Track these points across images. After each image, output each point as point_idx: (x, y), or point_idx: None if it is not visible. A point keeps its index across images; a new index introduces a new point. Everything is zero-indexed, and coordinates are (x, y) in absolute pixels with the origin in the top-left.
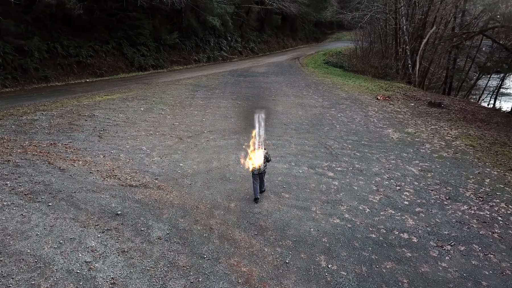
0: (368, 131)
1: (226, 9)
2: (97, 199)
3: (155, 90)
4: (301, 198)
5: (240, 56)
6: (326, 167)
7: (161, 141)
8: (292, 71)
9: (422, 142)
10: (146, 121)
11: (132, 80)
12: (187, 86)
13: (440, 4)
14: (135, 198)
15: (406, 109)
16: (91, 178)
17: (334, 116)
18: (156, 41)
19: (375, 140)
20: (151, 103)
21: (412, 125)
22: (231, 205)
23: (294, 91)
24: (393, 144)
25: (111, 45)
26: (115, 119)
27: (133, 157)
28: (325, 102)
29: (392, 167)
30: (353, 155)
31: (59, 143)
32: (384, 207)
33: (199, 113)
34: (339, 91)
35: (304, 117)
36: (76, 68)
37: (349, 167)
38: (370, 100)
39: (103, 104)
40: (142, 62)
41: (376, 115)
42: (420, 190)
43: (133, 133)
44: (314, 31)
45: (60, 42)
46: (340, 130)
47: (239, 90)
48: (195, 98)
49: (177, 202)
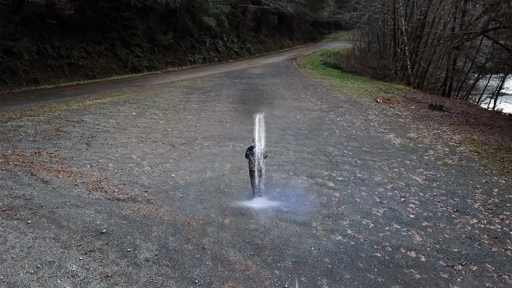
0: (369, 136)
1: (222, 9)
2: (81, 215)
3: (148, 93)
4: (300, 212)
5: (237, 56)
6: (327, 176)
7: (153, 148)
8: (290, 72)
9: (425, 148)
10: (138, 127)
11: (125, 82)
12: (181, 89)
13: (439, 4)
14: (122, 214)
15: (407, 112)
16: (76, 191)
17: (333, 120)
18: (151, 42)
19: (376, 146)
20: (143, 107)
21: (414, 130)
22: (225, 221)
23: (291, 94)
24: (395, 151)
25: (104, 46)
26: (105, 125)
27: (122, 167)
28: (324, 105)
29: (395, 176)
30: (354, 163)
31: (44, 152)
32: (388, 221)
33: (193, 117)
34: (338, 94)
35: (303, 121)
36: (67, 70)
37: (350, 177)
38: (370, 103)
39: (93, 109)
40: (136, 64)
41: (376, 119)
42: (426, 202)
43: (123, 140)
44: (311, 31)
45: (50, 43)
46: (340, 135)
47: (235, 92)
48: (190, 101)
49: (167, 218)
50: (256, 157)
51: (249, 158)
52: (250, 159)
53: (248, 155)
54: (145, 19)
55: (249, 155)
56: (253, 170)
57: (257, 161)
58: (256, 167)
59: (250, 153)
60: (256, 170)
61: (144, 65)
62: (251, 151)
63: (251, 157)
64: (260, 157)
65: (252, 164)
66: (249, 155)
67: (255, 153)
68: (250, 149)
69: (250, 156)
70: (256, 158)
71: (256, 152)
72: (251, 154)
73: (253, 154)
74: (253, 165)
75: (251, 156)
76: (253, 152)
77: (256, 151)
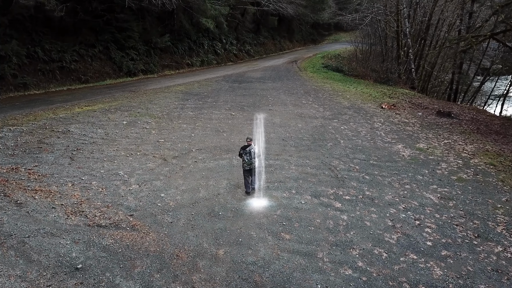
0: (375, 147)
1: (221, 10)
2: (55, 246)
3: (142, 99)
4: (304, 239)
5: (236, 59)
6: (332, 195)
7: (142, 163)
8: (290, 76)
9: (437, 160)
10: (128, 138)
11: (118, 87)
12: (177, 94)
13: (444, 6)
14: (102, 244)
15: (414, 119)
16: (53, 215)
17: (337, 129)
18: (146, 44)
19: (384, 158)
20: (135, 115)
21: (423, 140)
22: (219, 252)
23: (292, 99)
24: (405, 164)
25: (97, 49)
26: (92, 136)
27: (107, 185)
28: (327, 112)
29: (407, 194)
30: (361, 179)
31: (23, 168)
32: (404, 250)
33: (188, 126)
34: (341, 99)
35: (305, 130)
36: (58, 74)
37: (358, 195)
38: (375, 110)
39: (81, 117)
40: (131, 67)
41: (382, 128)
42: (443, 226)
43: (111, 153)
44: (311, 33)
45: (41, 46)
46: (345, 146)
47: (233, 98)
48: (185, 108)
49: (153, 249)
50: (250, 156)
51: (243, 157)
52: (244, 158)
53: (241, 154)
54: (140, 21)
55: (242, 154)
56: (246, 169)
57: (251, 160)
58: (249, 166)
59: (243, 152)
60: (249, 169)
61: (139, 68)
62: (244, 150)
63: (244, 156)
64: (253, 156)
65: (245, 163)
66: (243, 154)
67: (248, 152)
68: (243, 148)
69: (243, 155)
70: (249, 157)
71: (250, 151)
72: (245, 154)
73: (246, 154)
74: (246, 164)
75: (245, 155)
76: (246, 152)
77: (249, 150)
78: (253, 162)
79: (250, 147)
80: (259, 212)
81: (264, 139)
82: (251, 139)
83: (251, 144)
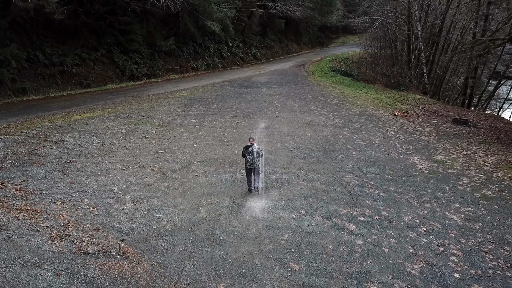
0: (390, 159)
1: (227, 13)
2: (33, 280)
3: (143, 106)
4: (316, 270)
5: (242, 63)
6: (346, 215)
7: (139, 177)
8: (297, 80)
9: (458, 174)
10: (125, 148)
11: (120, 92)
12: (180, 100)
13: (457, 8)
14: (87, 277)
15: (430, 128)
16: (36, 240)
17: (349, 139)
18: (151, 48)
19: (400, 172)
20: (135, 123)
21: (441, 151)
22: (220, 286)
23: (300, 106)
24: (423, 178)
25: (100, 52)
26: (87, 146)
27: (99, 204)
28: (337, 120)
29: (428, 215)
30: (377, 196)
31: (9, 183)
32: (428, 283)
33: (190, 136)
34: (351, 105)
35: (314, 140)
36: (59, 79)
37: (374, 216)
38: (387, 117)
39: (78, 125)
40: (134, 71)
41: (396, 137)
42: (470, 253)
43: (106, 165)
44: (319, 36)
45: (42, 50)
46: (357, 158)
47: (239, 104)
48: (188, 115)
49: (145, 282)
50: (252, 155)
51: (245, 157)
52: (246, 157)
53: (244, 154)
54: (144, 24)
55: (245, 154)
56: (249, 168)
57: (253, 159)
58: (251, 166)
59: (246, 152)
60: (251, 168)
61: (143, 72)
62: (247, 150)
63: (247, 155)
64: (256, 155)
65: (248, 163)
66: (245, 154)
67: (251, 151)
68: (246, 148)
69: (246, 155)
70: (252, 157)
71: (252, 150)
72: (247, 153)
73: (249, 153)
74: (249, 164)
75: (247, 154)
76: (249, 151)
77: (251, 150)
78: (255, 162)
79: (252, 146)
80: (265, 236)
81: (271, 150)
82: (254, 139)
83: (254, 144)
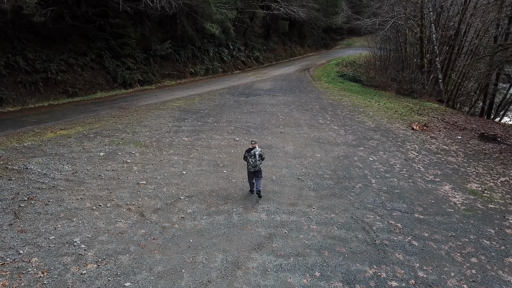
0: (417, 189)
1: (227, 14)
2: None
3: (130, 120)
4: None
5: (243, 66)
6: (373, 279)
7: (111, 221)
8: (303, 87)
9: (501, 211)
10: (100, 178)
11: (108, 102)
12: (173, 112)
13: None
14: None
15: (455, 146)
16: None
17: (365, 161)
18: (145, 52)
19: (432, 209)
20: (117, 142)
21: (474, 177)
22: None
23: (307, 118)
24: (461, 218)
25: (89, 57)
26: (54, 176)
27: (51, 265)
28: (349, 136)
29: (477, 276)
30: (409, 247)
31: None
32: None
33: (179, 159)
34: (363, 117)
35: (325, 163)
36: (42, 87)
37: (409, 279)
38: (405, 132)
39: (50, 146)
40: (126, 77)
41: (419, 158)
42: None
43: (73, 204)
44: (323, 37)
45: (23, 55)
46: (378, 188)
47: (238, 117)
48: (180, 132)
49: None
50: (255, 158)
51: (248, 160)
52: (249, 160)
53: (246, 157)
54: (139, 26)
55: (247, 157)
56: (251, 171)
57: (255, 162)
58: (254, 169)
59: (248, 155)
60: (254, 171)
61: (136, 78)
62: (249, 153)
63: (249, 158)
64: (258, 158)
65: (250, 166)
66: (248, 157)
67: (253, 154)
68: (248, 151)
69: (248, 158)
70: (254, 160)
71: (255, 153)
72: (250, 156)
73: (251, 156)
74: (251, 167)
75: (249, 157)
76: (251, 154)
77: (254, 153)
78: (258, 165)
79: (255, 149)
80: None
81: (274, 178)
82: (256, 141)
83: (256, 147)
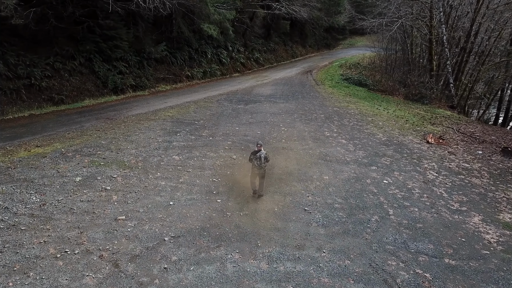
0: (442, 223)
1: (226, 15)
2: None
3: (116, 133)
4: None
5: (243, 69)
6: None
7: (76, 275)
8: (305, 92)
9: None
10: (72, 213)
11: (95, 111)
12: (165, 123)
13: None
14: None
15: (477, 163)
16: None
17: (379, 185)
18: (138, 55)
19: (464, 251)
20: (98, 163)
21: (505, 204)
22: None
23: (312, 129)
24: (499, 264)
25: (78, 61)
26: (17, 211)
27: None
28: (359, 152)
29: None
30: None
31: None
32: None
33: (167, 184)
34: (373, 128)
35: (334, 188)
36: (24, 94)
37: None
38: (420, 146)
39: (20, 169)
40: (118, 82)
41: (440, 180)
42: None
43: (33, 250)
44: (325, 37)
45: (4, 60)
46: (397, 222)
47: (236, 129)
48: (170, 149)
49: None
50: (260, 161)
51: (253, 162)
52: (254, 163)
53: (251, 159)
54: (131, 28)
55: (252, 160)
56: (255, 173)
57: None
58: (258, 170)
59: (254, 158)
60: (258, 173)
61: (128, 83)
62: (254, 156)
63: (254, 161)
64: (263, 161)
65: (255, 168)
66: (253, 159)
67: (258, 157)
68: (254, 154)
69: (254, 160)
70: (259, 162)
71: (260, 156)
72: (255, 159)
73: (257, 159)
74: (257, 169)
75: (255, 160)
76: (257, 157)
77: (259, 156)
78: (263, 167)
79: (260, 152)
80: None
81: (277, 209)
82: (262, 144)
83: (261, 149)
